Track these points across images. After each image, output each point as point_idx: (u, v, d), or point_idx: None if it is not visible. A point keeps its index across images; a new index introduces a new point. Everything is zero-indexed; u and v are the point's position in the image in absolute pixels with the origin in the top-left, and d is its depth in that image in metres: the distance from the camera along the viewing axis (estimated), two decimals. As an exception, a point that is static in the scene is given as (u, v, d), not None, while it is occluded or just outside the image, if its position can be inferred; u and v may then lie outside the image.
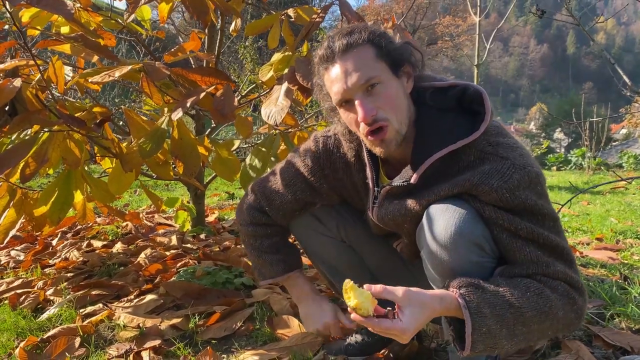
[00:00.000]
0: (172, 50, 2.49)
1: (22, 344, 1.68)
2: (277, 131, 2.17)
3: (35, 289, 2.25)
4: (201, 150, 2.12)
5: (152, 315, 1.92)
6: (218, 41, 2.53)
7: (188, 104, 1.73)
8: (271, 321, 1.83)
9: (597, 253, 2.88)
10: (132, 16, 2.03)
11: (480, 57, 7.68)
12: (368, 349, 1.61)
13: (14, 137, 2.05)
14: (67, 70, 2.14)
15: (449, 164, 1.18)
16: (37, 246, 3.02)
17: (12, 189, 2.14)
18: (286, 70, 1.93)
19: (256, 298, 2.04)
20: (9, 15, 1.68)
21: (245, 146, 3.23)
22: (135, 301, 2.04)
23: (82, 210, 2.42)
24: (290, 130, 2.34)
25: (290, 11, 2.12)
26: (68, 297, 2.10)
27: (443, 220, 1.13)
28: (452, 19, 30.52)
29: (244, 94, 2.91)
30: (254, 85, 3.21)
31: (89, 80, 1.73)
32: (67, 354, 1.64)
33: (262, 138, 2.30)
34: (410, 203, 1.23)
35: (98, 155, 2.40)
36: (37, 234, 3.26)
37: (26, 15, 2.03)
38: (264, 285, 1.57)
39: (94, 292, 2.16)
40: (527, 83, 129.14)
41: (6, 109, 1.84)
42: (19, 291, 2.19)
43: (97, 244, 2.98)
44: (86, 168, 2.30)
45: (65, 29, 2.22)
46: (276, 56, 2.18)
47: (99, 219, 3.76)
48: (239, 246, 2.83)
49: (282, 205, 1.47)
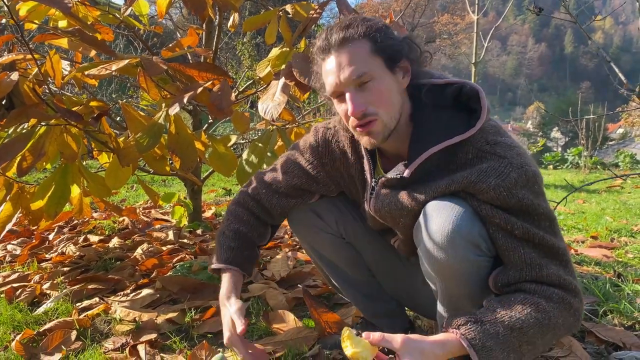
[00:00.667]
0: (170, 45, 2.49)
1: (18, 337, 1.68)
2: (274, 127, 2.18)
3: (32, 282, 2.25)
4: (198, 145, 2.13)
5: (148, 310, 1.93)
6: (216, 37, 2.53)
7: (185, 99, 1.73)
8: (267, 315, 1.84)
9: (592, 251, 2.90)
10: (130, 10, 2.03)
11: (478, 56, 7.68)
12: None
13: (10, 130, 2.05)
14: (65, 64, 2.14)
15: (445, 161, 1.19)
16: (34, 240, 3.02)
17: (9, 182, 2.14)
18: (283, 66, 1.94)
19: (252, 293, 2.05)
20: (6, 8, 1.68)
21: (243, 142, 3.23)
22: (131, 295, 2.05)
23: (78, 205, 2.42)
24: (287, 126, 2.34)
25: (288, 7, 2.13)
26: (64, 291, 2.10)
27: (440, 218, 1.14)
28: (450, 17, 30.55)
29: (241, 89, 2.91)
30: (251, 81, 3.21)
31: (86, 74, 1.73)
32: (63, 347, 1.65)
33: (259, 134, 2.30)
34: (406, 198, 1.24)
35: (95, 150, 2.40)
36: (34, 228, 3.26)
37: (23, 8, 2.02)
38: (210, 271, 1.51)
39: (90, 286, 2.16)
40: (524, 82, 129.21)
41: (3, 102, 1.85)
42: (15, 285, 2.19)
43: (93, 238, 2.98)
44: (84, 163, 2.31)
45: (62, 23, 2.22)
46: (274, 52, 2.19)
47: (95, 214, 3.77)
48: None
49: (279, 190, 1.49)
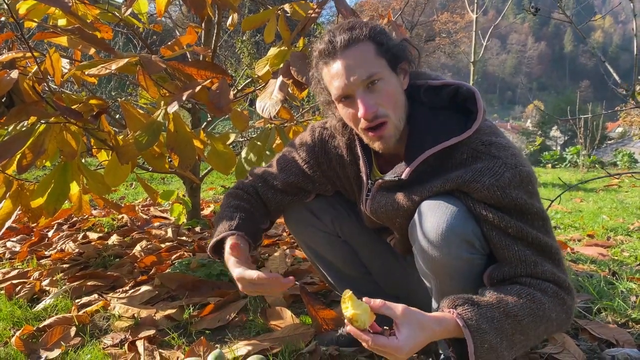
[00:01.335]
0: (169, 44, 2.51)
1: (18, 333, 1.69)
2: (273, 125, 2.19)
3: (31, 279, 2.27)
4: (197, 143, 2.15)
5: (146, 306, 1.94)
6: (215, 35, 2.54)
7: (184, 97, 1.74)
8: (264, 312, 1.86)
9: (588, 249, 2.91)
10: (129, 10, 2.04)
11: (477, 55, 7.69)
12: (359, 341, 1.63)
13: (10, 128, 2.06)
14: (64, 62, 2.15)
15: (441, 161, 1.21)
16: (33, 238, 3.03)
17: (9, 180, 2.15)
18: (282, 65, 1.96)
19: (250, 290, 2.06)
20: (6, 7, 1.70)
21: (242, 140, 3.25)
22: (130, 292, 2.07)
23: (78, 202, 2.43)
24: (285, 124, 2.36)
25: (287, 6, 2.14)
26: (64, 287, 2.12)
27: (435, 216, 1.15)
28: (450, 15, 30.56)
29: (240, 87, 2.92)
30: (250, 79, 3.22)
31: (86, 73, 1.75)
32: (62, 343, 1.66)
33: (259, 132, 2.32)
34: (402, 198, 1.25)
35: (95, 147, 2.41)
36: (33, 225, 3.28)
37: (23, 7, 2.03)
38: (210, 254, 1.45)
39: (89, 283, 2.18)
40: (524, 80, 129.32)
41: (3, 100, 1.86)
42: (15, 281, 2.21)
43: (92, 235, 3.00)
44: (83, 160, 2.32)
45: (62, 22, 2.22)
46: (272, 51, 2.20)
47: (95, 212, 3.78)
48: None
49: (276, 186, 1.50)
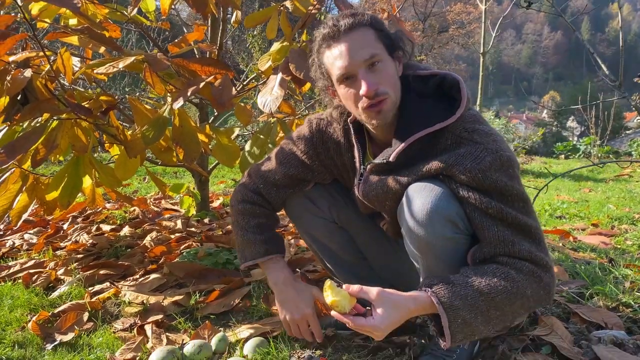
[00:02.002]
0: (176, 41, 2.59)
1: (34, 318, 1.80)
2: (275, 119, 2.26)
3: (47, 269, 2.38)
4: (202, 137, 2.22)
5: (155, 293, 2.04)
6: (220, 32, 2.61)
7: (188, 93, 1.82)
8: (267, 298, 1.94)
9: (591, 238, 2.95)
10: (136, 9, 2.12)
11: (488, 45, 7.68)
12: None
13: (25, 125, 2.15)
14: (75, 60, 2.24)
15: (428, 146, 1.28)
16: (49, 230, 3.15)
17: (25, 174, 2.25)
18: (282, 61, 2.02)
19: (254, 277, 2.15)
20: (19, 8, 1.78)
21: (247, 133, 3.32)
22: (140, 280, 2.16)
23: (91, 195, 2.53)
24: (288, 118, 2.43)
25: (288, 3, 2.20)
26: (77, 276, 2.22)
27: (420, 198, 1.23)
28: (463, 6, 30.27)
29: (245, 82, 3.00)
30: (254, 75, 3.29)
31: (95, 72, 1.83)
32: (76, 327, 1.76)
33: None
34: (391, 181, 1.33)
35: (106, 142, 2.51)
36: (49, 218, 3.40)
37: (35, 8, 2.13)
38: (244, 268, 1.59)
39: (101, 272, 2.28)
40: (540, 71, 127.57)
41: (18, 98, 1.96)
42: (31, 271, 2.32)
43: (105, 227, 3.11)
44: (95, 155, 2.41)
45: (73, 21, 2.31)
46: (275, 46, 2.27)
47: (108, 205, 3.89)
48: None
49: (276, 182, 1.57)
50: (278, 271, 1.54)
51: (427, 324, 1.40)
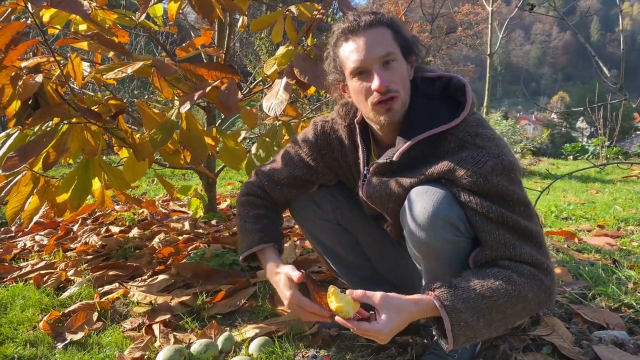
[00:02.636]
0: (184, 45, 2.63)
1: (45, 318, 1.84)
2: (280, 122, 2.29)
3: (58, 270, 2.42)
4: (209, 140, 2.26)
5: (163, 293, 2.07)
6: (227, 36, 2.65)
7: (195, 97, 1.86)
8: (272, 298, 1.97)
9: (596, 239, 2.95)
10: (144, 16, 2.16)
11: (493, 47, 7.67)
12: None
13: (36, 129, 2.20)
14: (85, 65, 2.28)
15: (431, 149, 1.30)
16: (59, 232, 3.20)
17: (36, 177, 2.29)
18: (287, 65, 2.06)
19: (260, 278, 2.18)
20: (30, 14, 1.83)
21: (253, 136, 3.36)
22: (148, 281, 2.20)
23: (100, 197, 2.58)
24: (293, 121, 2.46)
25: (293, 8, 2.24)
26: (87, 277, 2.27)
27: (422, 202, 1.25)
28: (471, 7, 30.19)
29: (252, 86, 3.03)
30: (261, 78, 3.32)
31: (104, 77, 1.87)
32: (86, 326, 1.80)
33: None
34: (394, 184, 1.35)
35: (115, 145, 2.55)
36: (59, 220, 3.45)
37: (46, 15, 2.18)
38: (243, 263, 1.58)
39: (111, 273, 2.33)
40: (549, 71, 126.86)
41: (30, 102, 2.00)
42: (42, 272, 2.37)
43: (114, 229, 3.15)
44: (105, 158, 2.45)
45: (83, 27, 2.36)
46: (280, 50, 2.30)
47: (117, 207, 3.95)
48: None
49: (281, 181, 1.59)
50: (265, 263, 1.48)
51: (430, 324, 1.43)
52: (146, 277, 2.27)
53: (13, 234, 3.28)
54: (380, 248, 1.71)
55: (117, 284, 2.22)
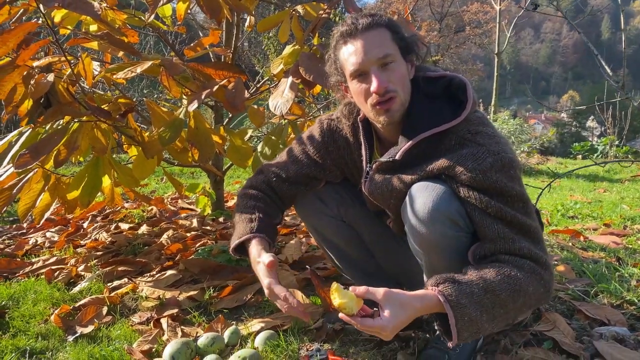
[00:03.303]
0: (192, 45, 2.67)
1: (56, 312, 1.89)
2: (287, 121, 2.33)
3: (68, 265, 2.47)
4: (216, 138, 2.29)
5: (171, 288, 2.11)
6: (234, 36, 2.68)
7: (203, 96, 1.89)
8: (278, 294, 2.00)
9: (602, 238, 2.95)
10: (153, 16, 2.19)
11: (501, 45, 7.66)
12: None
13: (47, 127, 2.24)
14: (95, 65, 2.32)
15: (432, 147, 1.33)
16: (70, 228, 3.25)
17: (47, 174, 2.34)
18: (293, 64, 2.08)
19: (266, 274, 2.21)
20: (42, 15, 1.87)
21: (261, 135, 3.40)
22: (156, 276, 2.24)
23: (110, 195, 2.62)
24: (299, 119, 2.49)
25: (299, 8, 2.27)
26: (97, 272, 2.31)
27: (422, 197, 1.28)
28: (480, 5, 30.09)
29: (259, 85, 3.06)
30: (268, 77, 3.35)
31: (113, 76, 1.91)
32: (95, 320, 1.85)
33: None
34: (396, 180, 1.38)
35: (125, 143, 2.59)
36: (70, 217, 3.51)
37: (58, 15, 2.22)
38: (233, 252, 1.51)
39: (120, 269, 2.37)
40: (559, 70, 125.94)
41: (41, 101, 2.04)
42: (53, 267, 2.42)
43: (124, 226, 3.21)
44: (115, 156, 2.50)
45: (93, 27, 2.41)
46: (287, 49, 2.33)
47: (126, 204, 4.00)
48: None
49: (289, 178, 1.61)
50: (250, 253, 1.43)
51: (433, 319, 1.45)
52: (155, 272, 2.31)
53: (25, 231, 3.33)
54: (383, 244, 1.73)
55: (126, 279, 2.26)
